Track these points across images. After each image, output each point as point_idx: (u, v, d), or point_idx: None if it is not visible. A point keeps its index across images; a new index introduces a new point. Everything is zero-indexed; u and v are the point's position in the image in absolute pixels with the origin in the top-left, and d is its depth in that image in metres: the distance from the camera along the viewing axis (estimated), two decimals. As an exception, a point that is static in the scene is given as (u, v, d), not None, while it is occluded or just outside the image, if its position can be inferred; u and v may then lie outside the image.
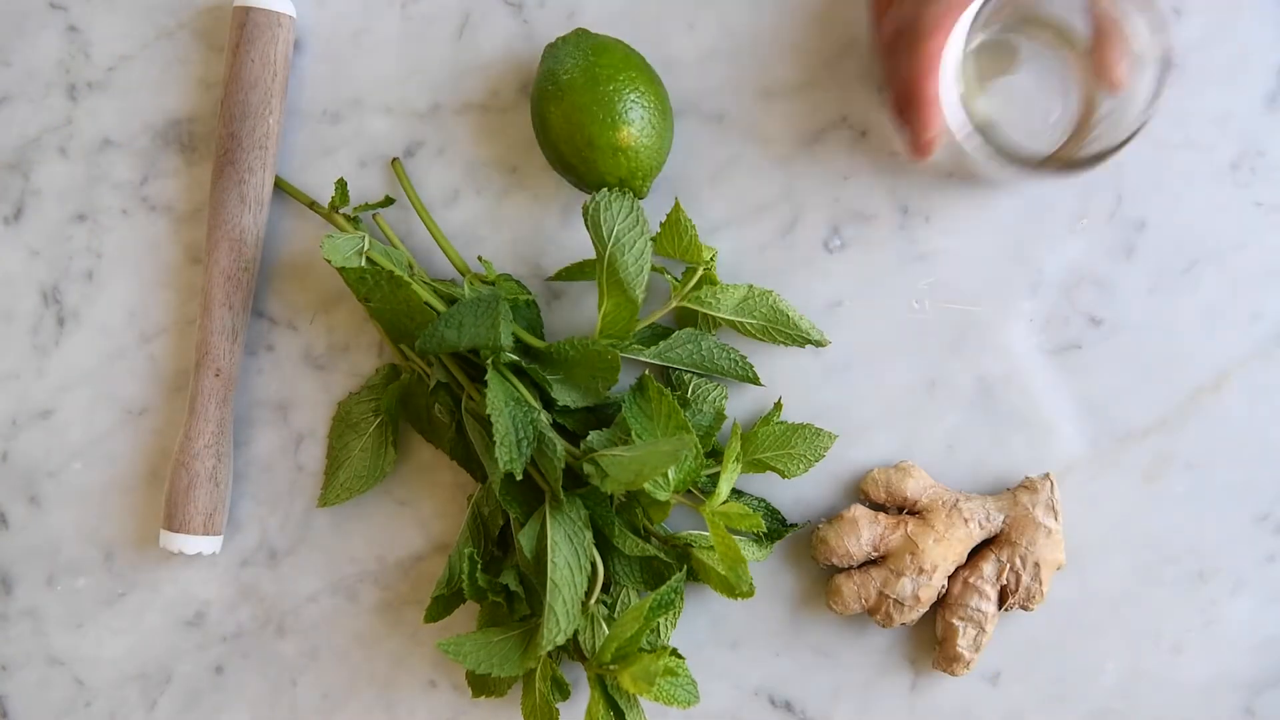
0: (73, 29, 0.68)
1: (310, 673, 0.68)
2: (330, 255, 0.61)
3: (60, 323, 0.68)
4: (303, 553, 0.68)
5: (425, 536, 0.68)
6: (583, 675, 0.65)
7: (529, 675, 0.63)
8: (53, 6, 0.68)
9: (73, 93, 0.68)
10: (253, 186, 0.66)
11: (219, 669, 0.68)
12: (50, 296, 0.68)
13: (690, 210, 0.67)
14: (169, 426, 0.68)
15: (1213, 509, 0.67)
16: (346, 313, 0.68)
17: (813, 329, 0.65)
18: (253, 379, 0.68)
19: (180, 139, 0.68)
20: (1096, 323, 0.67)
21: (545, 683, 0.62)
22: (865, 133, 0.67)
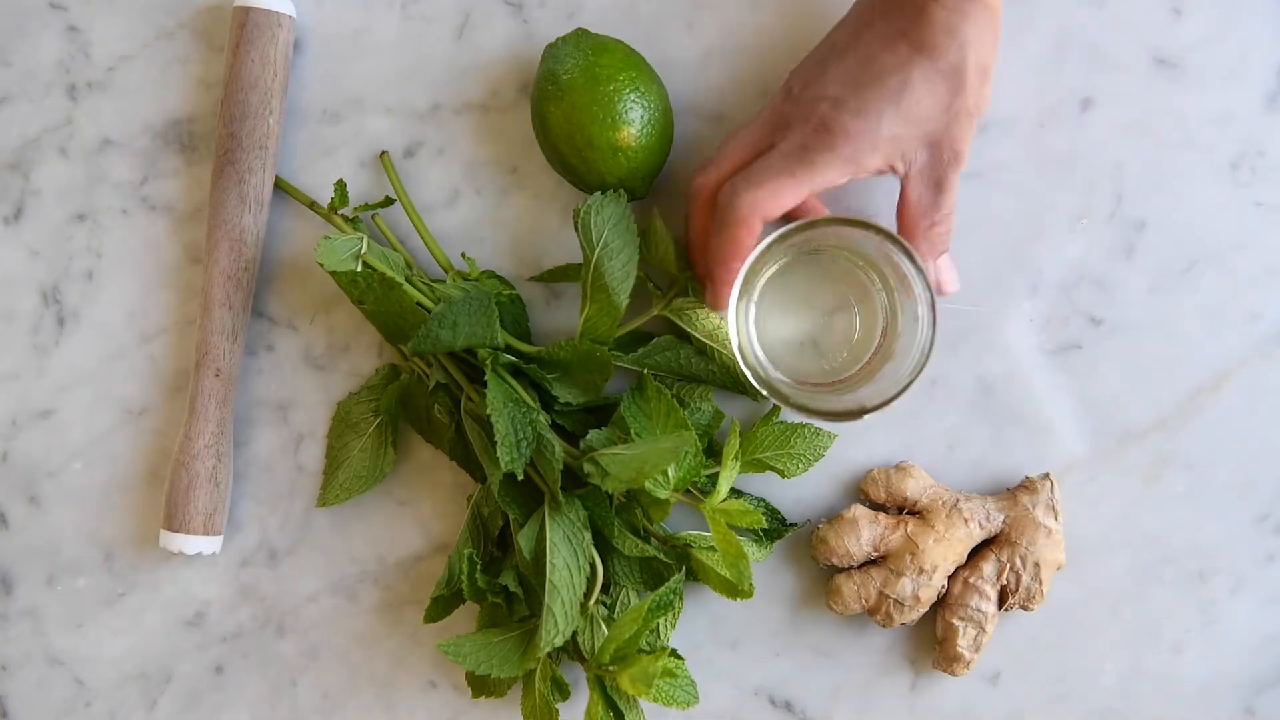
0: (73, 29, 0.68)
1: (310, 673, 0.68)
2: (323, 259, 0.61)
3: (60, 323, 0.69)
4: (303, 553, 0.68)
5: (425, 536, 0.68)
6: (582, 675, 0.65)
7: (529, 676, 0.63)
8: (53, 6, 0.68)
9: (73, 93, 0.68)
10: (253, 186, 0.66)
11: (219, 669, 0.68)
12: (50, 296, 0.68)
13: (690, 210, 0.67)
14: (169, 426, 0.68)
15: (1213, 509, 0.67)
16: (346, 313, 0.68)
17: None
18: (253, 379, 0.68)
19: (180, 139, 0.68)
20: (1096, 323, 0.67)
21: (545, 683, 0.62)
22: (865, 133, 0.67)
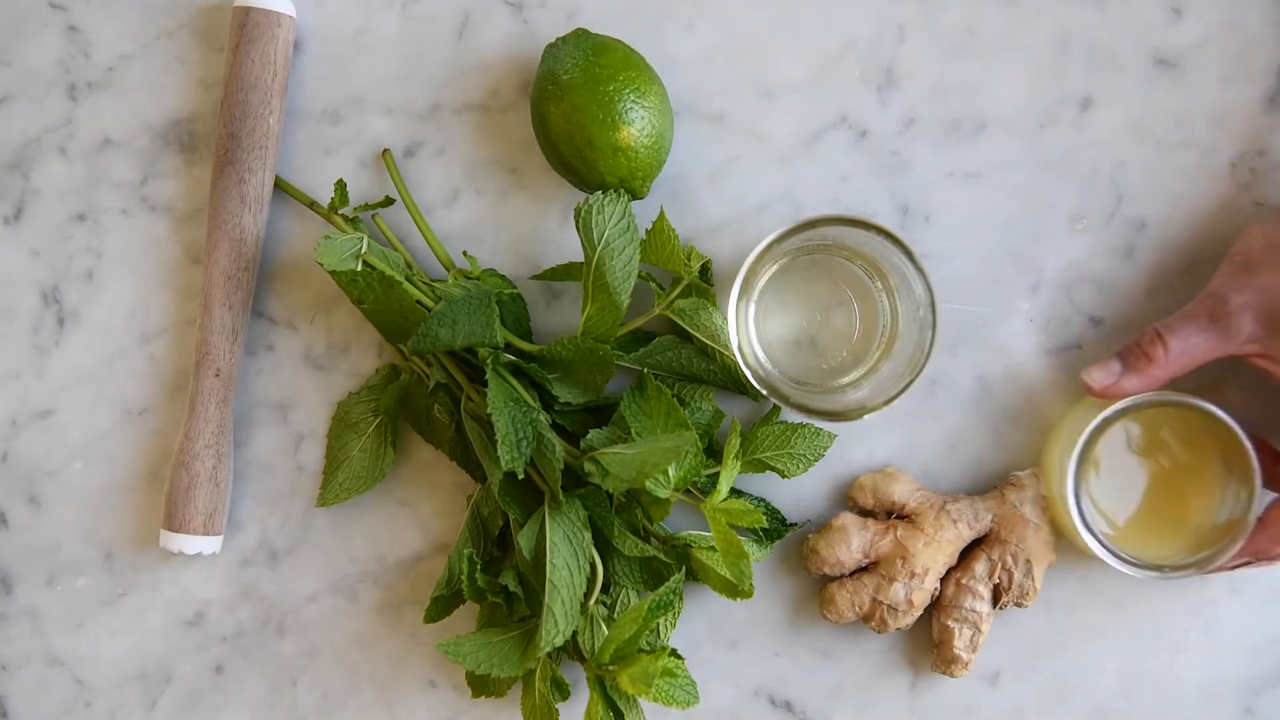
0: (73, 29, 0.68)
1: (310, 673, 0.68)
2: (323, 259, 0.61)
3: (60, 323, 0.68)
4: (303, 553, 0.68)
5: (425, 536, 0.68)
6: (582, 675, 0.65)
7: (529, 676, 0.63)
8: (53, 6, 0.68)
9: (73, 93, 0.68)
10: (253, 186, 0.66)
11: (219, 669, 0.68)
12: (50, 296, 0.68)
13: (690, 210, 0.67)
14: (169, 426, 0.68)
15: (1213, 509, 0.67)
16: (346, 313, 0.68)
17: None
18: (253, 379, 0.68)
19: (180, 139, 0.68)
20: (1096, 323, 0.67)
21: (545, 683, 0.62)
22: (865, 133, 0.67)
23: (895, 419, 0.67)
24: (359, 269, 0.62)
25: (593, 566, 0.62)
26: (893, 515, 0.66)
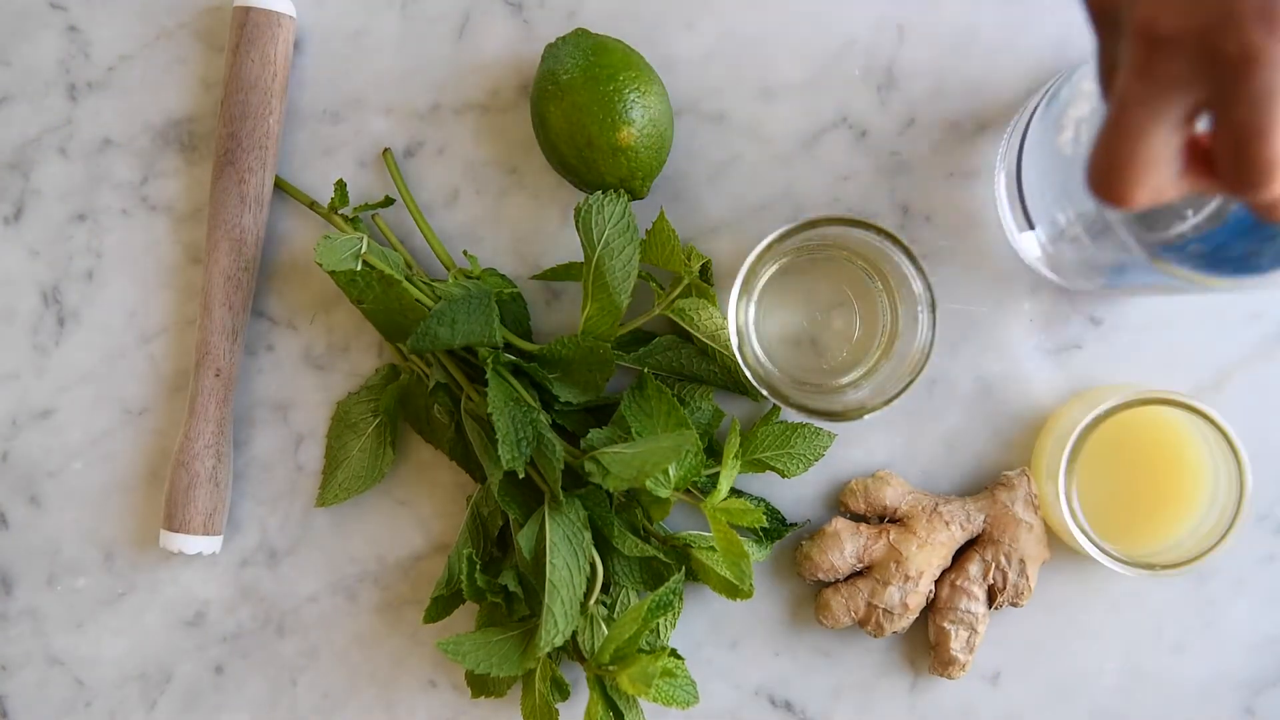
0: (73, 29, 0.68)
1: (310, 673, 0.68)
2: (323, 259, 0.61)
3: (60, 323, 0.68)
4: (303, 553, 0.68)
5: (425, 536, 0.68)
6: (582, 675, 0.65)
7: (528, 676, 0.63)
8: (53, 6, 0.68)
9: (73, 93, 0.68)
10: (253, 186, 0.66)
11: (219, 669, 0.68)
12: (50, 296, 0.68)
13: (690, 210, 0.67)
14: (169, 426, 0.68)
15: (1213, 509, 0.67)
16: (346, 313, 0.68)
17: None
18: (253, 379, 0.68)
19: (180, 139, 0.68)
20: (1096, 323, 0.67)
21: (545, 683, 0.62)
22: (865, 133, 0.67)
23: (895, 419, 0.67)
24: (358, 269, 0.62)
25: (592, 566, 0.62)
26: (885, 519, 0.66)
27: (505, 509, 0.61)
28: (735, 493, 0.66)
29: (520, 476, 0.60)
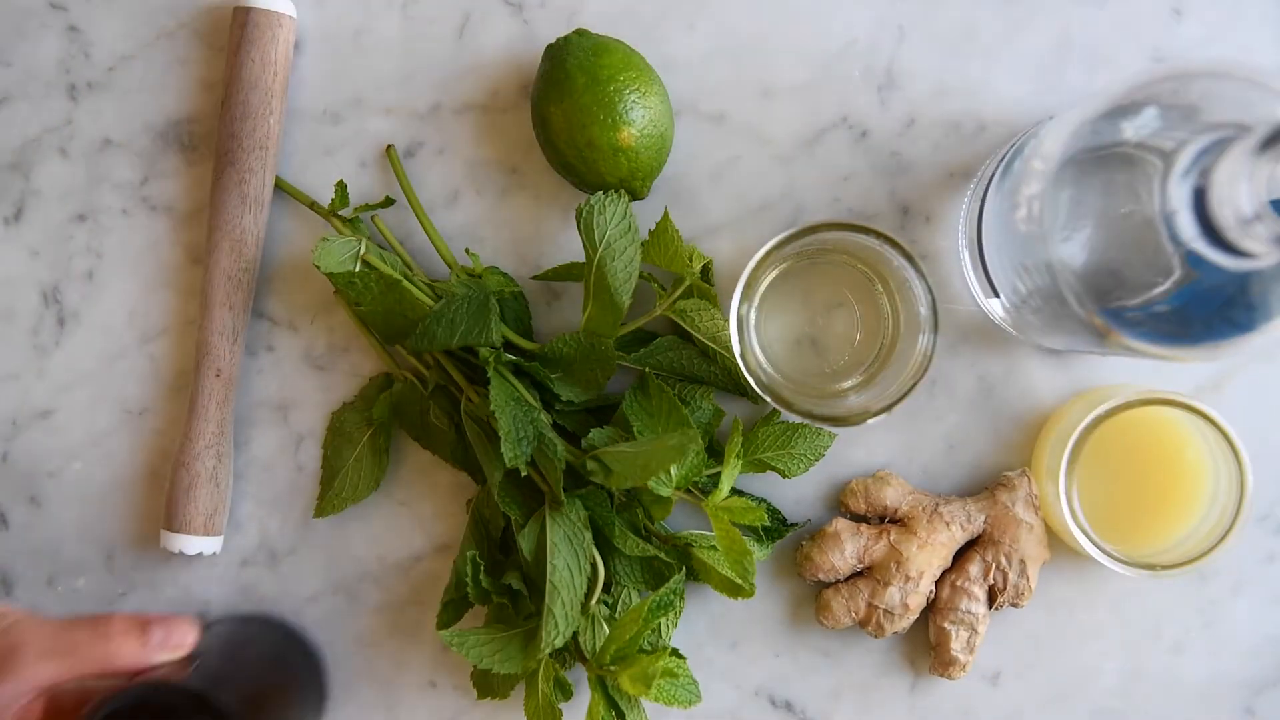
0: (73, 29, 0.68)
1: (310, 673, 0.68)
2: (321, 261, 0.61)
3: (60, 323, 0.68)
4: (303, 553, 0.68)
5: (425, 537, 0.68)
6: (584, 675, 0.65)
7: (532, 676, 0.63)
8: (53, 6, 0.68)
9: (73, 93, 0.68)
10: (253, 187, 0.66)
11: (219, 669, 0.68)
12: (50, 296, 0.68)
13: (690, 210, 0.67)
14: (169, 426, 0.68)
15: (1213, 509, 0.67)
16: (346, 313, 0.68)
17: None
18: (253, 379, 0.68)
19: (180, 139, 0.68)
20: (1096, 323, 0.67)
21: (549, 684, 0.62)
22: (865, 133, 0.67)
23: (895, 419, 0.67)
24: (357, 270, 0.62)
25: (594, 566, 0.62)
26: (885, 520, 0.66)
27: (505, 510, 0.61)
28: (736, 493, 0.66)
29: (523, 474, 0.60)
